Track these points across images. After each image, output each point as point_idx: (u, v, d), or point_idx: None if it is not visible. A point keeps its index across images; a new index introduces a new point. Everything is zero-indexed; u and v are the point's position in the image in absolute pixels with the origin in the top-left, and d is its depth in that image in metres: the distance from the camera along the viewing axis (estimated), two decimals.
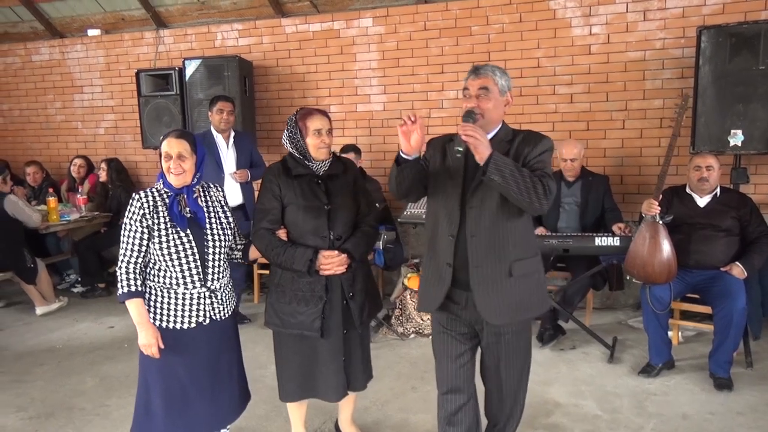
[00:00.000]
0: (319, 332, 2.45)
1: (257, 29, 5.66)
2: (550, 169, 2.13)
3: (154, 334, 2.30)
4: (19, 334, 4.61)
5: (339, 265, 2.44)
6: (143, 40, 6.12)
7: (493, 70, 2.16)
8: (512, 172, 1.97)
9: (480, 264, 2.14)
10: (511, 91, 2.21)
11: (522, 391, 2.38)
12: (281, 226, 2.50)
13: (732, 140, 3.92)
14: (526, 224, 2.21)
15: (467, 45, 5.02)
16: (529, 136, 2.17)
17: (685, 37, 4.42)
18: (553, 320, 4.11)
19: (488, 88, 2.13)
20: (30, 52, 6.62)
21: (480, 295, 2.15)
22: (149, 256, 2.33)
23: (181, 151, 2.31)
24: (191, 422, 2.44)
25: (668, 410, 3.15)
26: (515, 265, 2.14)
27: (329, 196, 2.48)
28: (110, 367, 3.87)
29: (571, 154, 4.17)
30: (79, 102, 6.47)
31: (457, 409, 2.35)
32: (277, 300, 2.52)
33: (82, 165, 5.91)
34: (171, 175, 2.32)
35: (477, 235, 2.13)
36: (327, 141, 2.47)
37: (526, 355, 2.35)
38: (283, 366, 2.60)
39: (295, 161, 2.51)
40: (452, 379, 2.35)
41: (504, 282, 2.14)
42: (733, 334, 3.36)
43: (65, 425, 3.14)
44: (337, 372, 2.54)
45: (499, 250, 2.13)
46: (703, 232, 3.56)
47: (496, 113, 2.17)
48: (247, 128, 5.29)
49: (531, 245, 2.23)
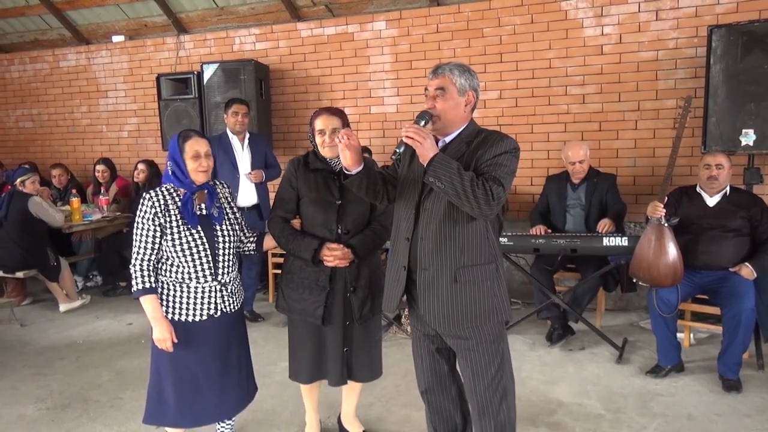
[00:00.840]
0: (320, 320, 2.55)
1: (274, 33, 5.77)
2: (504, 172, 2.03)
3: (168, 329, 2.39)
4: (42, 329, 4.78)
5: (342, 258, 2.52)
6: (165, 46, 6.29)
7: (451, 69, 2.12)
8: (451, 175, 1.93)
9: (427, 267, 2.12)
10: (475, 90, 2.15)
11: (494, 405, 2.20)
12: (296, 215, 2.63)
13: (744, 140, 3.88)
14: (480, 230, 2.10)
15: (479, 47, 5.05)
16: (488, 138, 2.10)
17: (698, 36, 4.39)
18: (562, 320, 4.11)
19: (444, 88, 2.10)
20: (58, 59, 6.85)
21: (424, 299, 2.14)
22: (162, 252, 2.42)
23: (207, 150, 2.43)
24: (201, 411, 2.52)
25: (673, 411, 3.13)
26: (461, 271, 2.08)
27: (342, 192, 2.56)
28: (126, 362, 3.99)
29: (578, 157, 4.15)
30: (103, 106, 6.68)
31: (436, 409, 2.39)
32: (287, 285, 2.65)
33: (105, 170, 6.06)
34: (199, 173, 2.41)
35: (425, 238, 2.11)
36: (329, 140, 2.53)
37: (497, 367, 2.19)
38: (295, 348, 2.72)
39: (315, 156, 2.62)
40: (424, 380, 2.38)
41: (447, 288, 2.10)
42: (742, 335, 3.32)
43: (80, 416, 3.26)
44: (335, 359, 2.62)
45: (445, 254, 2.09)
46: (712, 232, 3.53)
47: (454, 114, 2.12)
48: (263, 130, 5.40)
49: (485, 252, 2.11)
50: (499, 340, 2.19)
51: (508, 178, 2.04)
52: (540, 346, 4.09)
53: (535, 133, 4.98)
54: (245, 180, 4.60)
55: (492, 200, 1.95)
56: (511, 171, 2.06)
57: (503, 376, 2.21)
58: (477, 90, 2.17)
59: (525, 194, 5.06)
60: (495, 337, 2.18)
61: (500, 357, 2.20)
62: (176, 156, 2.40)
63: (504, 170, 2.02)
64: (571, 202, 4.24)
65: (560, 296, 4.09)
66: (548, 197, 4.39)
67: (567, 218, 4.25)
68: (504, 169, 2.03)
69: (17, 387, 3.66)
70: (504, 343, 2.23)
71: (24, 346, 4.39)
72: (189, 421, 2.54)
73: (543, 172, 4.88)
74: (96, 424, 3.16)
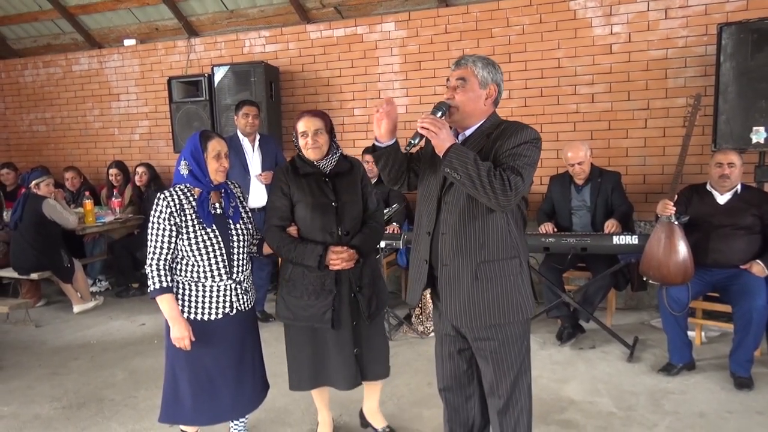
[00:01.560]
0: (330, 323, 2.54)
1: (283, 35, 5.81)
2: (524, 162, 1.97)
3: (187, 328, 2.41)
4: (57, 330, 4.84)
5: (348, 260, 2.53)
6: (176, 49, 6.34)
7: (474, 61, 2.08)
8: (467, 166, 1.89)
9: (448, 263, 2.08)
10: (497, 84, 2.10)
11: (517, 403, 2.19)
12: (291, 222, 2.60)
13: (754, 137, 3.86)
14: (501, 224, 2.05)
15: (488, 47, 5.06)
16: (508, 128, 2.05)
17: (708, 34, 4.38)
18: (572, 319, 4.11)
19: (465, 78, 2.07)
20: (71, 63, 6.93)
21: (445, 295, 2.11)
22: (177, 252, 2.44)
23: (227, 151, 2.48)
24: (217, 409, 2.55)
25: (685, 408, 3.13)
26: (482, 267, 2.04)
27: (336, 194, 2.58)
28: (140, 362, 4.04)
29: (577, 158, 4.09)
30: (115, 109, 6.75)
31: (453, 407, 2.37)
32: (288, 294, 2.62)
33: (118, 174, 6.13)
34: (219, 173, 2.44)
35: (447, 233, 2.08)
36: (312, 142, 2.53)
37: (519, 366, 2.16)
38: (294, 357, 2.70)
39: (302, 161, 2.62)
40: (443, 378, 2.36)
41: (468, 284, 2.06)
42: (754, 333, 3.32)
43: (95, 414, 3.30)
44: (346, 362, 2.62)
45: (465, 250, 2.05)
46: (723, 230, 3.52)
47: (474, 106, 2.08)
48: (273, 132, 5.44)
49: (507, 247, 2.06)
50: (523, 339, 2.16)
51: (528, 169, 1.99)
52: (550, 345, 4.10)
53: (544, 132, 4.98)
54: (256, 181, 4.63)
55: (509, 190, 1.90)
56: (531, 161, 2.00)
57: (526, 373, 2.20)
58: (500, 84, 2.12)
59: (535, 193, 5.05)
60: (519, 336, 2.14)
61: (523, 356, 2.17)
62: (197, 155, 2.41)
63: (524, 160, 1.97)
64: (576, 203, 4.22)
65: (570, 295, 4.09)
66: (552, 198, 4.37)
67: (573, 220, 4.23)
68: (524, 159, 1.98)
69: (33, 386, 3.71)
70: (527, 341, 2.19)
71: (39, 347, 4.45)
72: (205, 419, 2.57)
73: (552, 171, 4.87)
74: (111, 422, 3.20)
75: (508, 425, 2.21)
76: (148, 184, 5.88)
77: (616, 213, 4.05)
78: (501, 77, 2.13)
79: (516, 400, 2.18)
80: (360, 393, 3.11)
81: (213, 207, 2.49)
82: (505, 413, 2.20)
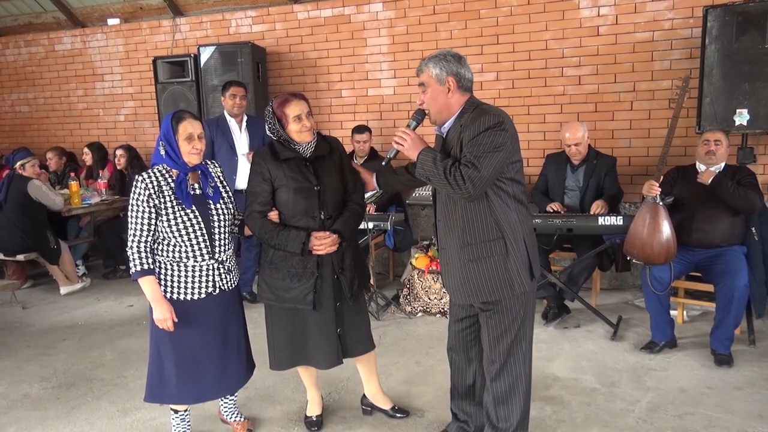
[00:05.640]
0: (312, 305, 2.57)
1: (270, 16, 5.76)
2: (481, 151, 2.08)
3: (168, 309, 2.42)
4: (44, 311, 4.82)
5: (331, 245, 2.54)
6: (161, 29, 6.26)
7: (426, 64, 2.25)
8: (429, 167, 2.15)
9: (444, 246, 2.36)
10: (454, 74, 2.20)
11: (511, 373, 2.33)
12: (272, 207, 2.59)
13: (738, 119, 3.92)
14: (481, 209, 2.19)
15: (476, 28, 5.06)
16: (471, 118, 2.17)
17: (694, 17, 4.41)
18: (558, 299, 4.17)
19: (424, 83, 2.26)
20: (53, 42, 6.82)
21: (444, 274, 2.42)
22: (158, 233, 2.44)
23: (201, 132, 2.44)
24: (202, 388, 2.57)
25: (666, 384, 3.21)
26: (466, 249, 2.24)
27: (318, 177, 2.58)
28: (128, 342, 4.05)
29: (575, 139, 4.14)
30: (100, 90, 6.66)
31: (457, 366, 2.59)
32: (271, 276, 2.63)
33: (87, 153, 6.08)
34: (192, 155, 2.42)
35: (441, 220, 2.35)
36: (308, 124, 2.54)
37: (514, 335, 2.30)
38: (274, 337, 2.72)
39: (281, 145, 2.58)
40: (450, 339, 2.60)
41: (458, 264, 2.28)
42: (735, 311, 3.39)
43: (85, 394, 3.32)
44: (329, 342, 2.65)
45: (454, 234, 2.28)
46: (708, 210, 3.56)
47: (440, 102, 2.25)
48: (261, 113, 5.39)
49: (489, 229, 2.20)
50: (519, 309, 2.30)
51: (488, 155, 2.08)
52: (536, 324, 4.09)
53: (531, 114, 5.01)
54: (244, 162, 4.61)
55: (465, 182, 2.07)
56: (491, 148, 2.09)
57: (521, 342, 2.33)
58: (458, 73, 2.22)
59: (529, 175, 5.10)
60: (514, 306, 2.29)
61: (519, 325, 2.31)
62: (169, 137, 2.40)
63: (480, 149, 2.09)
64: (570, 183, 4.26)
65: (556, 275, 4.15)
66: (547, 176, 4.41)
67: (564, 199, 4.28)
68: (481, 148, 2.09)
69: (22, 367, 3.71)
70: (525, 312, 2.33)
71: (26, 328, 4.43)
72: (190, 398, 2.59)
73: (539, 153, 4.91)
74: (101, 401, 3.22)
75: (500, 391, 2.34)
76: (127, 166, 5.84)
77: (605, 196, 4.10)
78: (458, 66, 2.22)
79: (511, 368, 2.33)
80: (348, 370, 3.17)
81: (192, 188, 2.48)
82: (498, 378, 2.34)
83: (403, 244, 4.94)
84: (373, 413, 2.99)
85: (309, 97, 2.69)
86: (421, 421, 2.92)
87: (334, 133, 5.31)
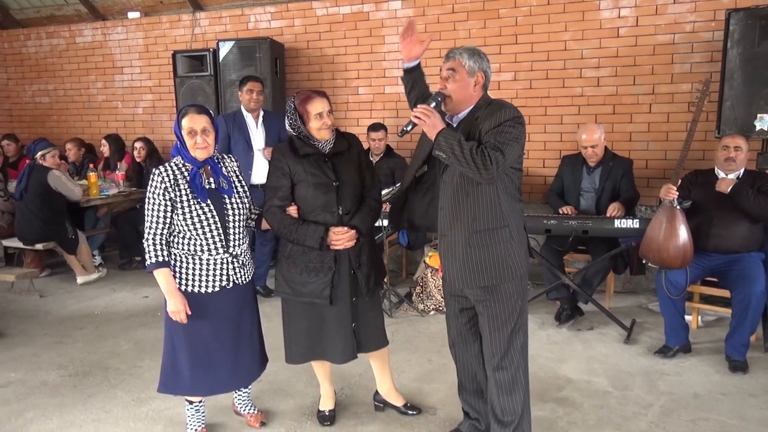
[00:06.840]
0: (329, 300, 2.60)
1: (289, 12, 5.78)
2: (505, 139, 2.15)
3: (182, 301, 2.46)
4: (61, 300, 4.89)
5: (348, 240, 2.57)
6: (180, 23, 6.31)
7: (461, 53, 2.29)
8: (453, 147, 2.13)
9: (445, 234, 2.37)
10: (484, 71, 2.30)
11: (512, 363, 2.36)
12: (291, 202, 2.63)
13: (758, 124, 3.88)
14: (490, 198, 2.26)
15: (495, 28, 5.04)
16: (490, 110, 2.25)
17: (716, 20, 4.37)
18: (571, 301, 4.16)
19: (455, 69, 2.28)
20: (74, 34, 6.89)
21: (444, 262, 2.43)
22: (173, 226, 2.47)
23: (205, 126, 2.45)
24: (214, 380, 2.60)
25: (680, 389, 3.19)
26: (474, 236, 2.29)
27: (336, 173, 2.61)
28: (143, 333, 4.10)
29: (591, 141, 4.12)
30: (119, 82, 6.73)
31: (462, 362, 2.60)
32: (288, 270, 2.66)
33: (104, 145, 6.16)
34: (197, 150, 2.45)
35: (444, 207, 2.36)
36: (329, 122, 2.57)
37: (514, 324, 2.35)
38: (291, 331, 2.74)
39: (301, 141, 2.61)
40: (450, 335, 2.61)
41: (462, 251, 2.32)
42: (751, 318, 3.36)
43: (101, 382, 3.37)
44: (345, 337, 2.68)
45: (460, 221, 2.31)
46: (726, 215, 3.53)
47: (464, 93, 2.29)
48: (278, 108, 5.43)
49: (496, 218, 2.27)
50: (517, 298, 2.35)
51: (510, 144, 2.16)
52: (549, 325, 4.16)
53: (548, 115, 5.00)
54: (260, 157, 4.64)
55: (491, 165, 2.10)
56: (512, 137, 2.17)
57: (519, 333, 2.37)
58: (486, 71, 2.32)
59: (537, 176, 5.09)
60: (512, 293, 2.34)
61: (517, 315, 2.36)
62: (177, 132, 2.46)
63: (504, 137, 2.16)
64: (585, 185, 4.25)
65: (570, 277, 4.14)
66: (563, 178, 4.41)
67: (580, 201, 4.27)
68: (504, 137, 2.16)
69: (39, 354, 3.77)
70: (522, 300, 2.38)
71: (44, 316, 4.50)
72: (203, 390, 2.63)
73: (556, 154, 4.90)
74: (116, 390, 3.27)
75: (503, 382, 2.38)
76: (146, 158, 5.90)
77: (621, 198, 4.09)
78: (487, 65, 2.34)
79: (511, 359, 2.37)
80: (361, 366, 3.18)
81: (208, 182, 2.51)
82: (499, 369, 2.38)
83: (417, 241, 4.95)
84: (385, 409, 3.00)
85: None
86: (433, 418, 2.93)
87: (349, 131, 5.31)
